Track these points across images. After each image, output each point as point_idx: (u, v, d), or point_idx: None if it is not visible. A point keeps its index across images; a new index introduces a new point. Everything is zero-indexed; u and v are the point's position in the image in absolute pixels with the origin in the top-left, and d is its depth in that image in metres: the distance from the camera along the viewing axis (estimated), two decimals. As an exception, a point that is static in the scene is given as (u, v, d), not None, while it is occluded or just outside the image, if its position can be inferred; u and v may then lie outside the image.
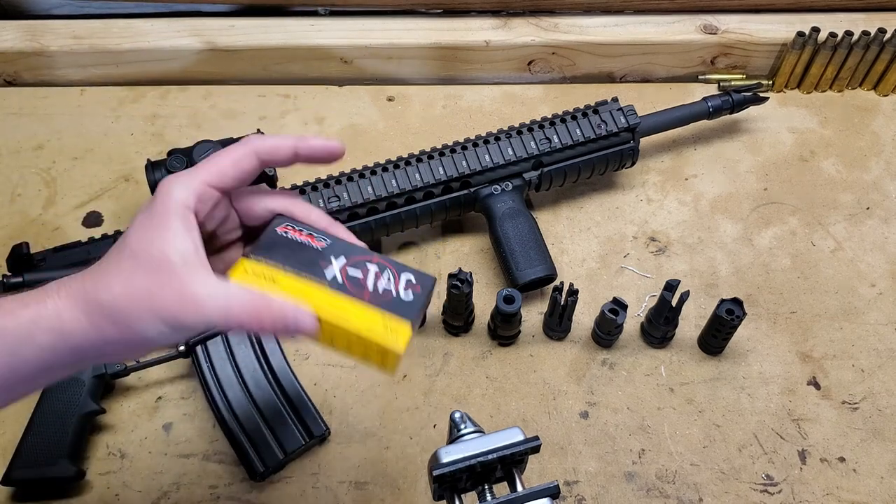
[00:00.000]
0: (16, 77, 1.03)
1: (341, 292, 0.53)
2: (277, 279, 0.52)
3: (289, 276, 0.53)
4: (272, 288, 0.52)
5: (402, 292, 0.54)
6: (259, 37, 1.01)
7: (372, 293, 0.53)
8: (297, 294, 0.52)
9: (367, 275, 0.54)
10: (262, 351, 0.77)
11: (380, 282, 0.54)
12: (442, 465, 0.55)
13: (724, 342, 0.81)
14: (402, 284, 0.54)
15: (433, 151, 0.85)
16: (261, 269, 0.52)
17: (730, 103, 0.94)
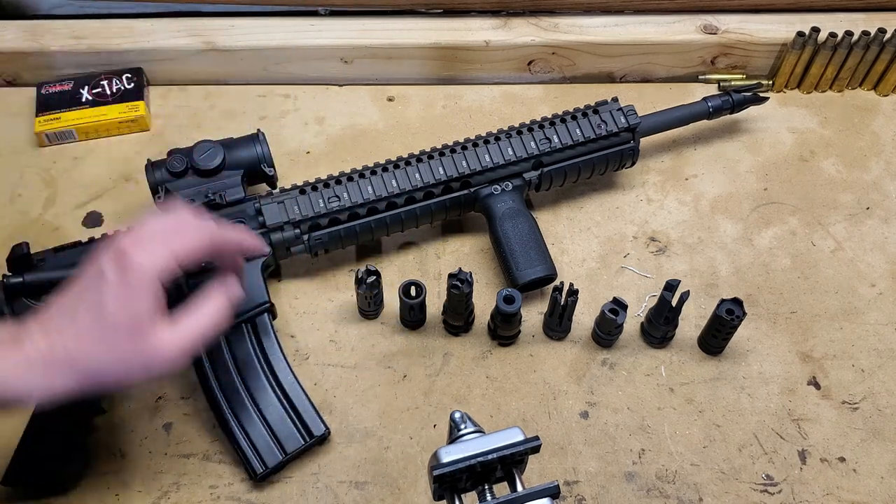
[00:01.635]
0: (16, 77, 1.03)
1: None
2: None
3: None
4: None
5: None
6: (259, 37, 1.01)
7: None
8: None
9: None
10: (262, 351, 0.77)
11: None
12: (442, 465, 0.55)
13: (724, 342, 0.81)
14: None
15: (433, 151, 0.85)
16: None
17: (730, 103, 0.94)
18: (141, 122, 0.98)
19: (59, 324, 0.56)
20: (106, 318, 0.55)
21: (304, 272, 0.88)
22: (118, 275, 0.56)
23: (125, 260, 0.56)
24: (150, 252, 0.57)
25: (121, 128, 0.98)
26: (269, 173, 0.85)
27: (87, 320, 0.56)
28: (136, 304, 0.56)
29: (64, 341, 0.55)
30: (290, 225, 0.81)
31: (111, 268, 0.56)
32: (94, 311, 0.56)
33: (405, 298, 0.80)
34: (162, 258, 0.57)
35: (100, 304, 0.55)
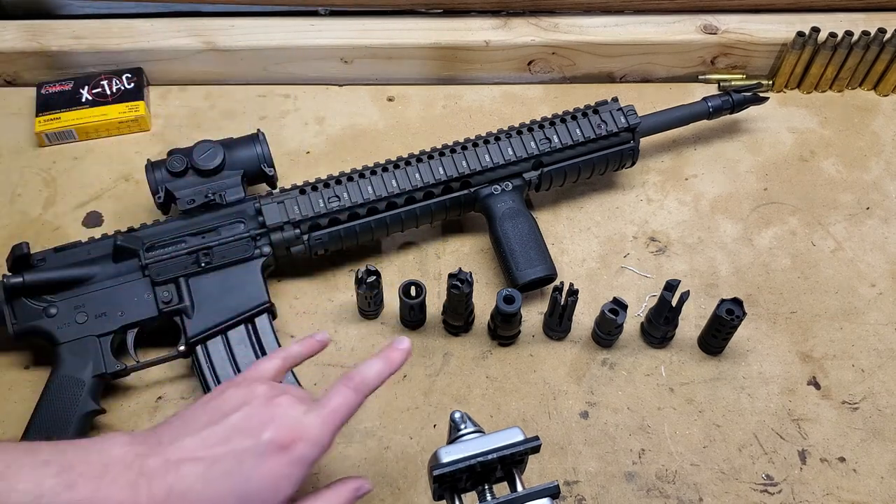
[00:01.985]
0: (16, 77, 1.03)
1: None
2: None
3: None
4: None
5: None
6: (259, 37, 1.01)
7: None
8: None
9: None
10: (262, 351, 0.77)
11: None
12: (442, 465, 0.55)
13: (724, 342, 0.81)
14: None
15: (433, 151, 0.85)
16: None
17: (730, 103, 0.93)
18: (141, 122, 0.98)
19: (188, 472, 0.53)
20: (245, 492, 0.53)
21: (304, 272, 0.88)
22: (276, 458, 0.54)
23: (289, 449, 0.55)
24: (314, 445, 0.56)
25: (121, 128, 0.98)
26: (269, 173, 0.85)
27: (220, 484, 0.53)
28: (281, 489, 0.54)
29: (186, 497, 0.52)
30: (290, 225, 0.81)
31: (271, 447, 0.54)
32: (235, 479, 0.53)
33: (405, 298, 0.80)
34: (324, 443, 0.56)
35: (244, 478, 0.54)
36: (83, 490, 0.50)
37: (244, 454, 0.54)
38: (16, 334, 0.76)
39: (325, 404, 0.57)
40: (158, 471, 0.53)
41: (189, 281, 0.79)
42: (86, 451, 0.53)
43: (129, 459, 0.53)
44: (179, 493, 0.52)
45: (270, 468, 0.54)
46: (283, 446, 0.54)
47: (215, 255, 0.80)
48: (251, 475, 0.53)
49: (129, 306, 0.78)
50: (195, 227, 0.81)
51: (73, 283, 0.77)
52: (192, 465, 0.53)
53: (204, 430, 0.55)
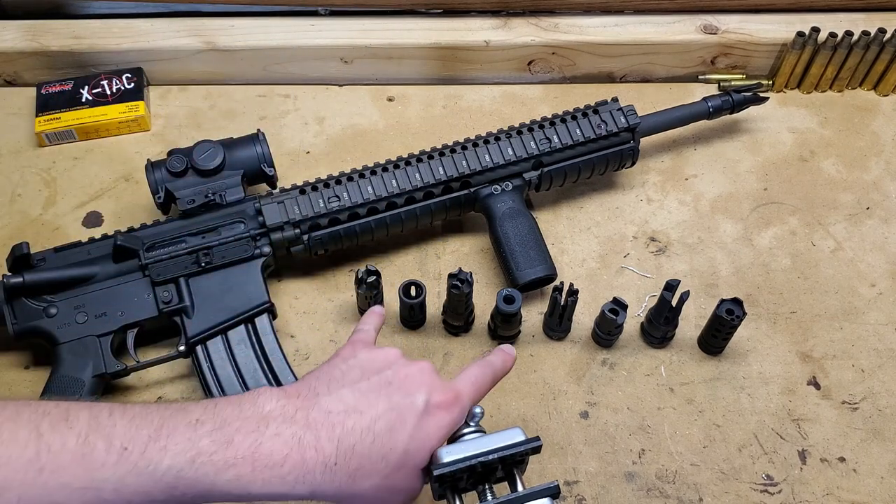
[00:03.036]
0: (16, 77, 1.03)
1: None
2: None
3: None
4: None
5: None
6: (259, 37, 1.01)
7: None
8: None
9: None
10: (262, 351, 0.77)
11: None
12: (442, 464, 0.55)
13: (724, 342, 0.81)
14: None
15: (433, 151, 0.85)
16: None
17: (730, 103, 0.93)
18: (141, 122, 0.98)
19: (354, 426, 0.52)
20: (406, 447, 0.53)
21: (304, 272, 0.88)
22: (438, 417, 0.55)
23: (450, 410, 0.56)
24: (464, 410, 0.57)
25: (121, 128, 0.98)
26: (269, 173, 0.85)
27: (385, 438, 0.53)
28: (434, 446, 0.55)
29: (353, 455, 0.52)
30: (290, 225, 0.81)
31: (435, 407, 0.55)
32: (398, 433, 0.53)
33: (405, 298, 0.80)
34: (459, 420, 0.57)
35: (406, 432, 0.53)
36: (242, 446, 0.49)
37: (407, 411, 0.54)
38: (16, 334, 0.76)
39: (470, 376, 0.59)
40: (324, 424, 0.51)
41: (189, 281, 0.79)
42: (239, 407, 0.51)
43: (290, 413, 0.51)
44: (348, 447, 0.51)
45: (431, 427, 0.54)
46: (442, 407, 0.55)
47: (215, 255, 0.80)
48: (414, 433, 0.53)
49: (129, 306, 0.78)
50: (195, 227, 0.81)
51: (73, 283, 0.77)
52: (356, 418, 0.52)
53: (360, 383, 0.54)
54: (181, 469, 0.48)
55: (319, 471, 0.50)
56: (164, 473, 0.47)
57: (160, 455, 0.47)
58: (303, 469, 0.50)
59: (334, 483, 0.51)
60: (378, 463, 0.52)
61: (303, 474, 0.50)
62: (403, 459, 0.53)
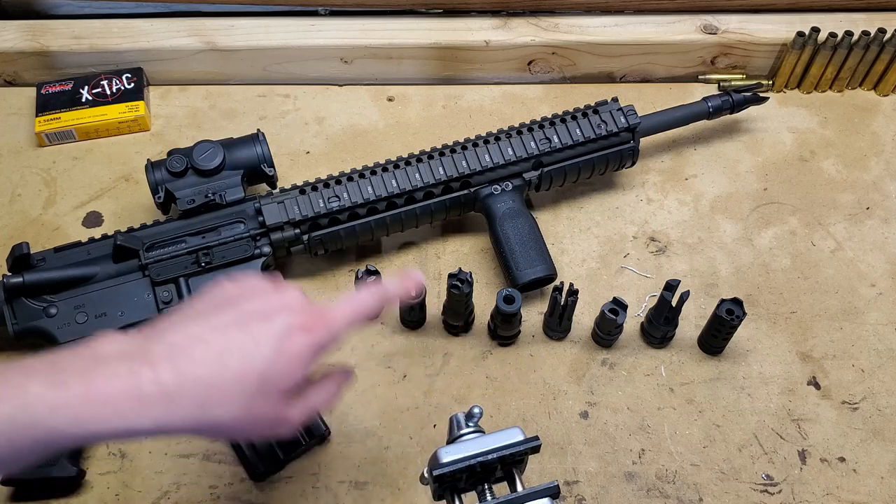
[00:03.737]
0: (16, 77, 1.03)
1: None
2: None
3: None
4: None
5: None
6: (259, 37, 1.01)
7: None
8: None
9: None
10: (262, 351, 0.77)
11: None
12: (442, 465, 0.55)
13: (724, 342, 0.81)
14: None
15: (433, 151, 0.85)
16: None
17: (730, 103, 0.93)
18: (141, 122, 0.98)
19: (202, 356, 0.50)
20: (263, 374, 0.51)
21: (304, 272, 0.88)
22: (295, 342, 0.53)
23: (309, 333, 0.53)
24: (331, 332, 0.55)
25: (121, 128, 0.98)
26: (269, 173, 0.85)
27: (238, 366, 0.50)
28: (296, 374, 0.53)
29: (198, 385, 0.49)
30: (289, 225, 0.81)
31: (290, 330, 0.53)
32: (253, 361, 0.51)
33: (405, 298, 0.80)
34: (342, 332, 0.55)
35: (262, 358, 0.51)
36: (74, 388, 0.47)
37: (262, 336, 0.51)
38: (16, 334, 0.76)
39: (347, 300, 0.56)
40: (164, 356, 0.49)
41: (189, 281, 0.79)
42: (75, 352, 0.49)
43: (129, 351, 0.50)
44: (194, 377, 0.49)
45: (292, 349, 0.52)
46: (305, 328, 0.53)
47: (215, 255, 0.80)
48: (271, 356, 0.51)
49: (129, 306, 0.78)
50: (195, 227, 0.81)
51: (73, 283, 0.78)
52: (203, 347, 0.50)
53: (212, 317, 0.52)
54: (15, 415, 0.46)
55: (161, 404, 0.48)
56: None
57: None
58: (140, 403, 0.47)
59: (180, 415, 0.49)
60: (232, 391, 0.50)
61: (141, 408, 0.47)
62: (262, 386, 0.51)
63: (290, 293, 0.55)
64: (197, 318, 0.52)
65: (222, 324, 0.52)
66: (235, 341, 0.51)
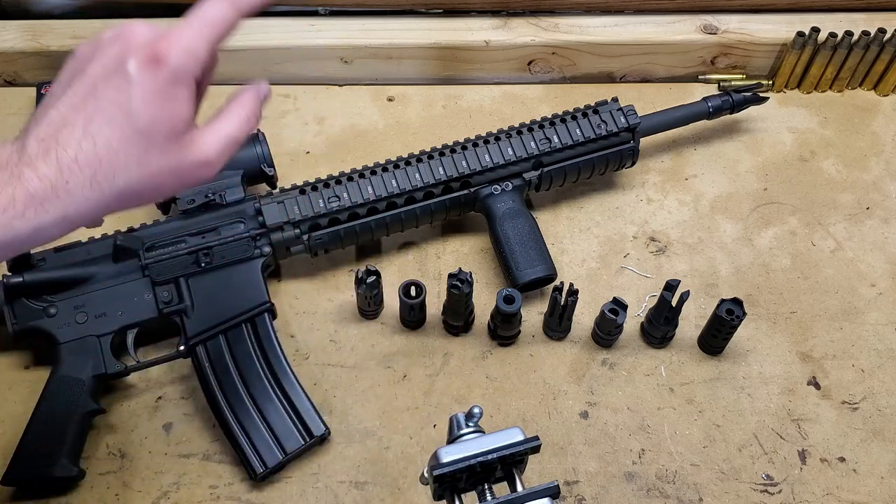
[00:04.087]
0: (16, 77, 1.03)
1: None
2: None
3: None
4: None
5: None
6: (259, 37, 1.01)
7: None
8: None
9: None
10: (262, 351, 0.77)
11: None
12: (442, 465, 0.55)
13: (724, 342, 0.81)
14: None
15: (433, 151, 0.85)
16: None
17: (730, 103, 0.93)
18: (141, 122, 0.98)
19: (68, 139, 0.48)
20: (137, 129, 0.49)
21: (304, 272, 0.88)
22: (151, 78, 0.49)
23: (160, 63, 0.49)
24: (186, 52, 0.50)
25: (121, 128, 0.98)
26: (269, 173, 0.85)
27: (108, 132, 0.48)
28: (174, 110, 0.50)
29: (81, 166, 0.48)
30: (290, 225, 0.81)
31: (141, 70, 0.49)
32: (120, 121, 0.48)
33: (405, 298, 0.80)
34: (201, 50, 0.51)
35: (128, 114, 0.48)
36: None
37: (117, 94, 0.49)
38: (16, 334, 0.76)
39: (199, 15, 0.52)
40: (38, 153, 0.48)
41: (189, 281, 0.79)
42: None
43: (7, 157, 0.48)
44: (71, 160, 0.48)
45: (148, 91, 0.49)
46: (151, 61, 0.49)
47: (215, 255, 0.80)
48: (134, 108, 0.48)
49: (129, 306, 0.78)
50: (195, 227, 0.81)
51: (73, 283, 0.78)
52: (68, 130, 0.48)
53: (67, 97, 0.50)
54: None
55: (53, 196, 0.47)
56: None
57: None
58: (35, 201, 0.47)
59: (80, 199, 0.48)
60: (117, 158, 0.49)
61: (38, 205, 0.47)
62: (144, 140, 0.49)
63: (128, 31, 0.51)
64: (56, 104, 0.50)
65: (78, 99, 0.49)
66: (94, 112, 0.49)
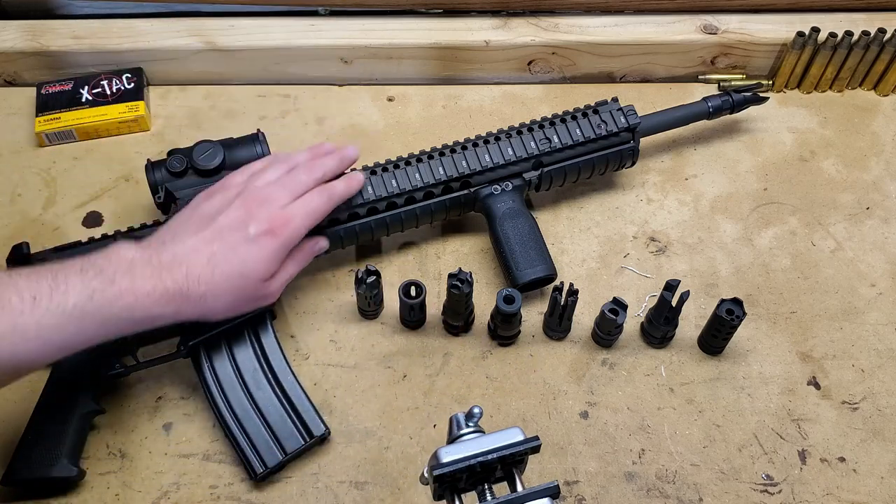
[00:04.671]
0: (16, 77, 1.03)
1: None
2: None
3: None
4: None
5: None
6: (259, 37, 1.01)
7: None
8: None
9: None
10: (262, 351, 0.77)
11: None
12: (442, 465, 0.55)
13: (724, 342, 0.81)
14: None
15: (433, 151, 0.85)
16: None
17: (730, 103, 0.93)
18: (141, 122, 0.98)
19: (195, 261, 0.68)
20: (243, 273, 0.69)
21: (304, 272, 0.88)
22: (265, 244, 0.70)
23: (275, 236, 0.71)
24: (295, 231, 0.73)
25: (121, 128, 0.98)
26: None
27: (224, 267, 0.68)
28: (270, 268, 0.71)
29: (199, 282, 0.67)
30: (290, 225, 0.81)
31: (259, 236, 0.70)
32: (234, 263, 0.69)
33: (405, 298, 0.80)
34: (302, 231, 0.74)
35: (242, 261, 0.69)
36: (122, 283, 0.64)
37: (237, 243, 0.70)
38: (16, 334, 0.77)
39: (305, 204, 0.74)
40: (172, 263, 0.67)
41: None
42: (107, 257, 0.65)
43: (146, 257, 0.66)
44: (194, 276, 0.67)
45: (260, 249, 0.70)
46: (271, 233, 0.71)
47: (215, 256, 0.80)
48: (246, 257, 0.69)
49: (129, 306, 0.78)
50: (195, 227, 0.81)
51: (73, 283, 0.77)
52: (196, 255, 0.68)
53: (199, 233, 0.70)
54: (84, 305, 0.62)
55: (178, 296, 0.66)
56: (71, 310, 0.61)
57: (65, 297, 0.61)
58: (167, 296, 0.65)
59: (189, 304, 0.67)
60: (222, 286, 0.68)
61: (167, 300, 0.65)
62: (243, 280, 0.70)
63: (266, 194, 0.73)
64: (189, 233, 0.70)
65: (208, 236, 0.69)
66: (217, 250, 0.69)
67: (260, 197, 0.73)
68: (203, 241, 0.69)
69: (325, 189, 0.76)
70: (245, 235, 0.70)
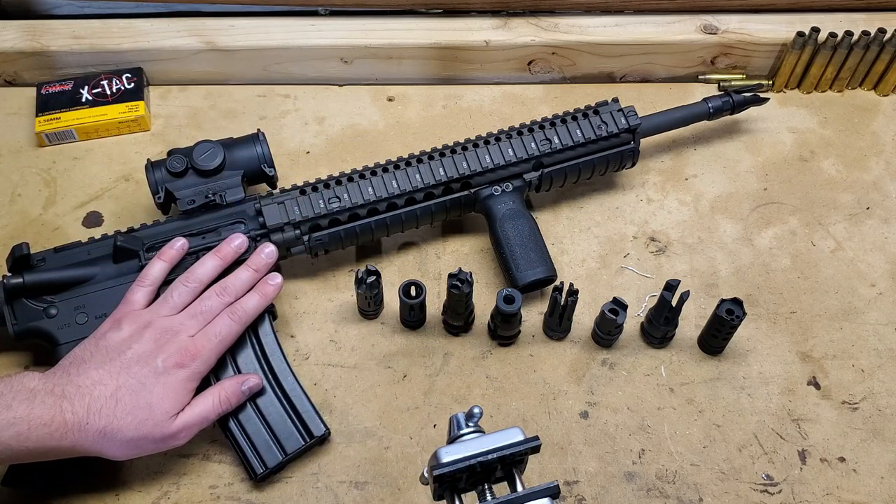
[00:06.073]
0: (16, 77, 1.03)
1: None
2: None
3: None
4: None
5: None
6: (259, 37, 1.01)
7: None
8: None
9: None
10: (262, 351, 0.77)
11: None
12: (442, 464, 0.55)
13: (724, 342, 0.81)
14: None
15: (433, 152, 0.85)
16: None
17: (730, 104, 0.93)
18: (141, 122, 0.98)
19: (99, 395, 0.67)
20: (150, 404, 0.68)
21: (304, 272, 0.88)
22: (173, 376, 0.69)
23: (183, 367, 0.70)
24: (204, 362, 0.72)
25: (121, 128, 0.98)
26: (270, 173, 0.85)
27: (129, 400, 0.67)
28: (179, 402, 0.70)
29: (101, 416, 0.66)
30: (290, 226, 0.81)
31: (167, 369, 0.69)
32: (140, 395, 0.68)
33: (405, 298, 0.80)
34: (213, 359, 0.73)
35: (149, 393, 0.68)
36: (19, 410, 0.63)
37: (145, 377, 0.68)
38: (16, 335, 0.76)
39: (214, 332, 0.73)
40: (75, 394, 0.66)
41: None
42: (9, 383, 0.65)
43: (50, 387, 0.66)
44: (96, 409, 0.66)
45: (168, 383, 0.69)
46: (179, 364, 0.70)
47: (215, 256, 0.80)
48: (153, 390, 0.68)
49: (129, 306, 0.78)
50: (195, 227, 0.81)
51: (73, 284, 0.77)
52: (101, 388, 0.67)
53: (105, 365, 0.68)
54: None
55: (76, 429, 0.65)
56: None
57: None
58: (64, 428, 0.64)
59: (89, 438, 0.65)
60: (124, 420, 0.66)
61: (65, 432, 0.64)
62: (149, 413, 0.67)
63: (159, 335, 0.71)
64: (95, 365, 0.68)
65: (114, 369, 0.68)
66: (124, 383, 0.68)
67: (170, 329, 0.71)
68: (109, 375, 0.68)
69: (235, 311, 0.74)
70: (153, 368, 0.69)
